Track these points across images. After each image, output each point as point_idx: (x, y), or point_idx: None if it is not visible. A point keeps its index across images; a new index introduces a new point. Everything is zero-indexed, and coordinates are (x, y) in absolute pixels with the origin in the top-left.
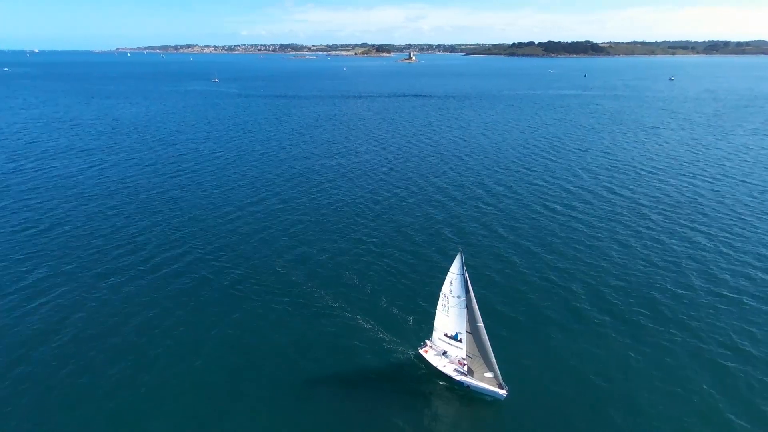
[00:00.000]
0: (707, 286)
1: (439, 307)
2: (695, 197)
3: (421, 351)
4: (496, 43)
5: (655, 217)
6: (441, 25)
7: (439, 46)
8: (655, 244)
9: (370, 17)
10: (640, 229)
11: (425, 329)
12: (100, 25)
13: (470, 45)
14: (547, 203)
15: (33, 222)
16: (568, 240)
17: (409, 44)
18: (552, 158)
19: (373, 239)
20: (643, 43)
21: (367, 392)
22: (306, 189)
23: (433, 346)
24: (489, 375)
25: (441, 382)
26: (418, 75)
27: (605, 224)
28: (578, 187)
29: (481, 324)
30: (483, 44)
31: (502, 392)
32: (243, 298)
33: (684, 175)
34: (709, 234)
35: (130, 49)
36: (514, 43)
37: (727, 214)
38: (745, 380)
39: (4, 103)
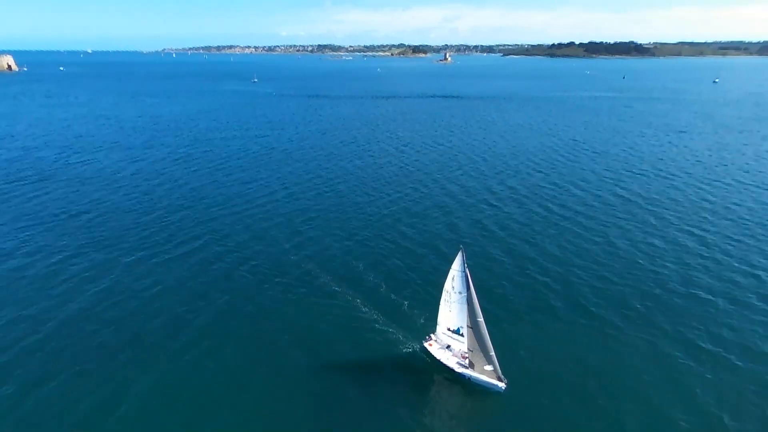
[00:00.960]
0: (707, 287)
1: (442, 302)
2: (702, 201)
3: (425, 344)
4: (535, 43)
5: (654, 219)
6: (478, 26)
7: (476, 46)
8: (652, 246)
9: (406, 18)
10: (638, 230)
11: (430, 323)
12: (148, 27)
13: (508, 46)
14: (547, 204)
15: (74, 207)
16: (566, 239)
17: (446, 45)
18: (565, 160)
19: (384, 234)
20: (691, 44)
21: (373, 381)
22: (321, 185)
23: (438, 340)
24: (489, 368)
25: (444, 374)
26: (451, 76)
27: (603, 225)
28: (583, 190)
29: (481, 319)
30: (521, 45)
31: (501, 384)
32: (258, 284)
33: (700, 180)
34: (707, 238)
35: (176, 49)
36: (553, 44)
37: (733, 220)
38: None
39: (58, 100)
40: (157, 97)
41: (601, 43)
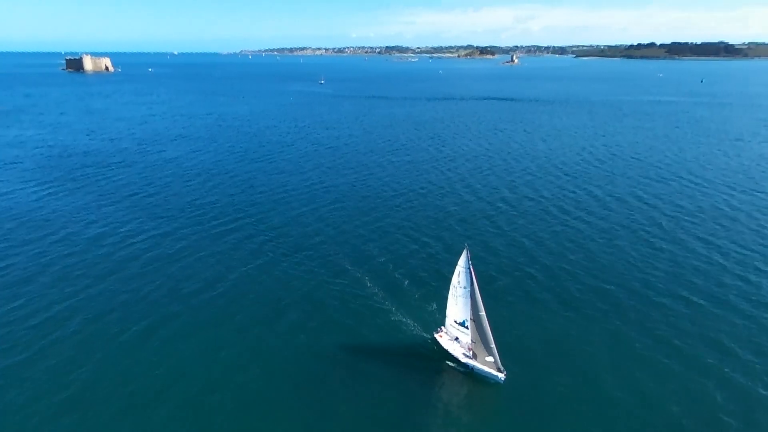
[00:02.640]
0: (709, 291)
1: (449, 296)
2: (729, 211)
3: (436, 335)
4: (613, 44)
5: (669, 224)
6: (552, 26)
7: (548, 47)
8: (659, 249)
9: (477, 18)
10: (650, 234)
11: (442, 316)
12: (228, 30)
13: (583, 47)
14: (564, 206)
15: (145, 189)
16: (569, 239)
17: (516, 46)
18: (599, 164)
19: (406, 229)
20: None
21: (384, 366)
22: (354, 179)
23: (447, 332)
24: (490, 359)
25: (450, 363)
26: (513, 78)
27: (614, 228)
28: (607, 194)
29: (483, 313)
30: (597, 46)
31: (501, 375)
32: (278, 259)
33: (735, 190)
34: (723, 248)
35: (252, 51)
36: (631, 45)
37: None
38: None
39: (142, 98)
40: (227, 96)
41: (686, 43)
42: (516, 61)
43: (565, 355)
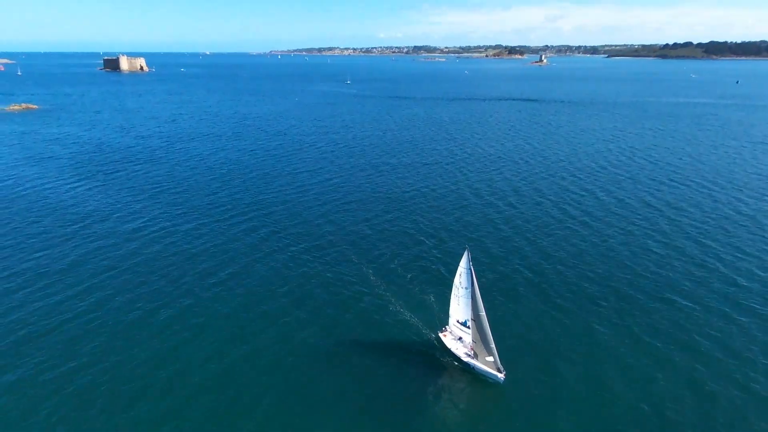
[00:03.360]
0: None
1: (452, 296)
2: (734, 215)
3: (440, 334)
4: (647, 43)
5: (667, 225)
6: (584, 25)
7: (579, 47)
8: (656, 251)
9: (506, 18)
10: (648, 236)
11: (446, 315)
12: (258, 30)
13: (615, 46)
14: (564, 207)
15: (167, 183)
16: (568, 241)
17: (546, 46)
18: (611, 167)
19: (412, 229)
20: None
21: (388, 362)
22: (364, 178)
23: (451, 331)
24: (490, 359)
25: (453, 362)
26: (540, 78)
27: (612, 229)
28: (612, 196)
29: (483, 313)
30: (631, 45)
31: (500, 375)
32: (289, 264)
33: (750, 194)
34: (720, 253)
35: (281, 51)
36: (666, 44)
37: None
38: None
39: (173, 97)
40: (253, 95)
41: (725, 42)
42: (544, 61)
43: (565, 356)
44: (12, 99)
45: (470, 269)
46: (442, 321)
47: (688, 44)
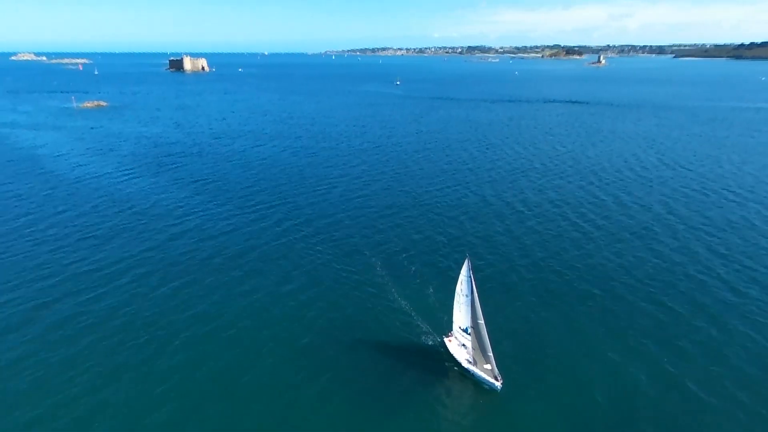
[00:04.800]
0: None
1: (455, 303)
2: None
3: (445, 339)
4: (720, 43)
5: (668, 240)
6: (651, 23)
7: (644, 47)
8: (676, 262)
9: (566, 17)
10: (665, 245)
11: (452, 320)
12: (315, 31)
13: (684, 46)
14: (586, 213)
15: (209, 176)
16: (572, 247)
17: (608, 45)
18: (635, 175)
19: (429, 231)
20: None
21: (394, 363)
22: (388, 177)
23: (456, 337)
24: (487, 367)
25: (455, 367)
26: (593, 80)
27: (636, 239)
28: (637, 203)
29: (481, 321)
30: (701, 45)
31: (498, 383)
32: (323, 261)
33: None
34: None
35: (336, 51)
36: (741, 44)
37: None
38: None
39: (227, 96)
40: (302, 95)
41: None
42: (603, 62)
43: (564, 364)
44: (87, 96)
45: (470, 277)
46: (449, 326)
47: (765, 44)
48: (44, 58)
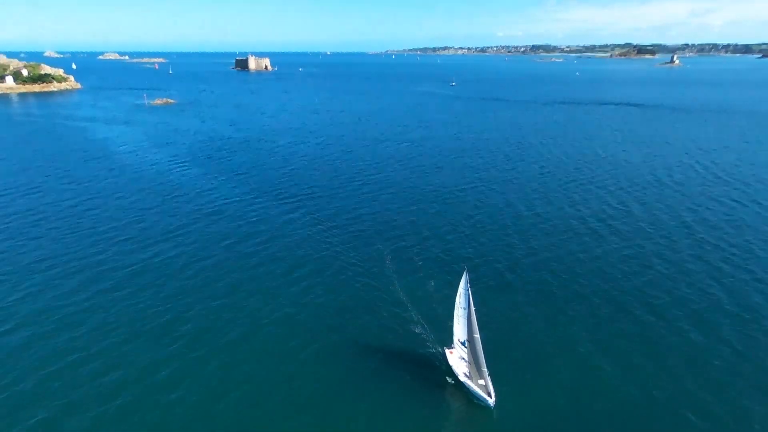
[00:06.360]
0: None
1: (454, 315)
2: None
3: (446, 351)
4: None
5: (677, 235)
6: (738, 20)
7: (728, 45)
8: (672, 265)
9: (641, 14)
10: (679, 256)
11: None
12: (376, 30)
13: None
14: (608, 221)
15: (247, 168)
16: (591, 252)
17: (686, 44)
18: (672, 183)
19: (448, 236)
20: None
21: (392, 371)
22: (417, 176)
23: (457, 349)
24: (481, 382)
25: (452, 380)
26: (659, 82)
27: (650, 250)
28: (663, 213)
29: (477, 335)
30: None
31: (491, 400)
32: (318, 253)
33: None
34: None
35: (396, 51)
36: None
37: None
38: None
39: (284, 95)
40: (355, 94)
41: None
42: (676, 62)
43: (564, 384)
44: (158, 94)
45: (468, 290)
46: (452, 338)
47: None
48: (126, 57)
